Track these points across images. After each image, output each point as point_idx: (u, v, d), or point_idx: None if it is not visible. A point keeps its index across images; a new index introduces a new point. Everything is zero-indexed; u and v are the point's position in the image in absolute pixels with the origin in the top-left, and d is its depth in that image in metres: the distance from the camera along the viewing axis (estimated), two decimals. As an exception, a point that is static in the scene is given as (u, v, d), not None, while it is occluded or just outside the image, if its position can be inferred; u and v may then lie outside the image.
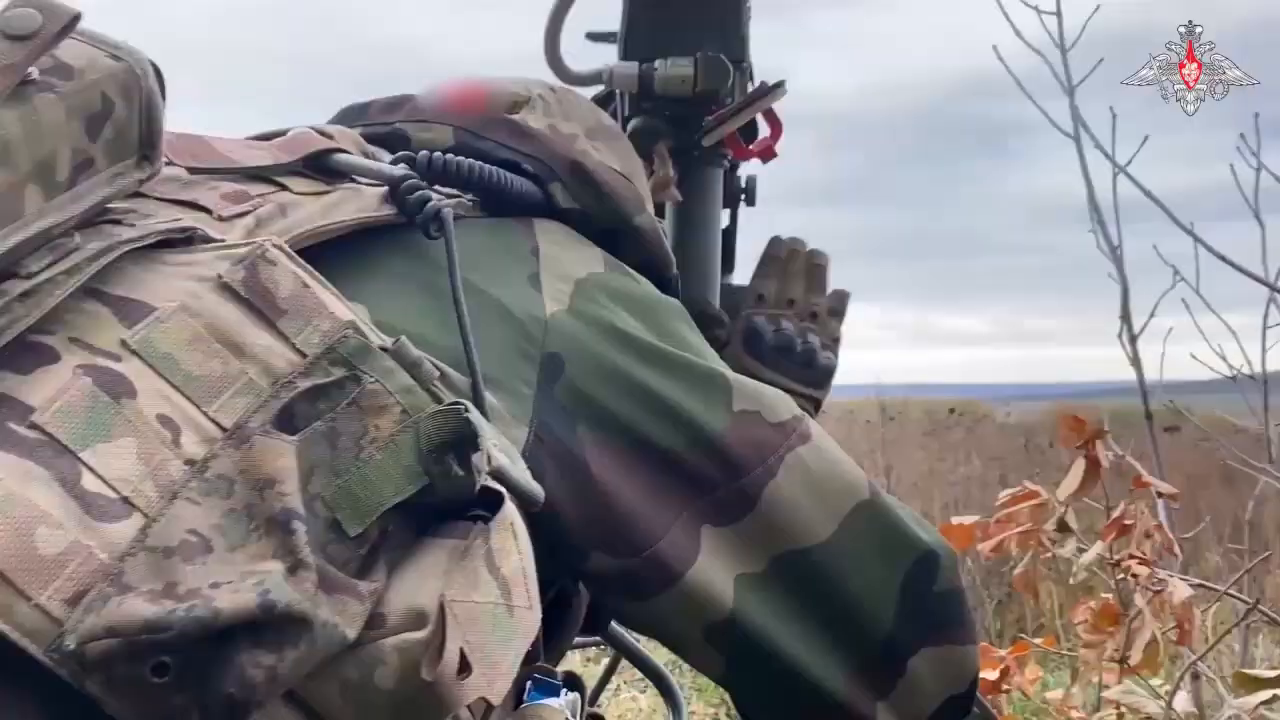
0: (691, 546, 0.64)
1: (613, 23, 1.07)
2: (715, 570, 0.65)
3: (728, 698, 0.93)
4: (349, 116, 0.77)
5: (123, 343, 0.49)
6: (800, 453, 0.69)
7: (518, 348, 0.62)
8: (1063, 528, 1.62)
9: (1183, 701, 1.50)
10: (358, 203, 0.63)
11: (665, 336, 0.69)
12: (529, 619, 0.51)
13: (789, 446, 0.68)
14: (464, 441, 0.48)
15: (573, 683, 0.64)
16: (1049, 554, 1.66)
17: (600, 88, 1.09)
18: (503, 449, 0.52)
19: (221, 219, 0.57)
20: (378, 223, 0.62)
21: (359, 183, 0.65)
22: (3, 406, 0.47)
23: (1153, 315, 2.10)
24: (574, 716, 0.62)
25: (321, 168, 0.65)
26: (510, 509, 0.51)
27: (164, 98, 0.54)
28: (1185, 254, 2.00)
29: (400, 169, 0.65)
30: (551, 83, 0.89)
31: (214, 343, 0.50)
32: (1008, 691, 1.71)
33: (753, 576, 0.66)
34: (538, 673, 0.62)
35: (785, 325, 1.02)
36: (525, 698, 0.61)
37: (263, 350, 0.50)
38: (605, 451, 0.62)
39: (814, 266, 1.07)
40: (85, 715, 0.43)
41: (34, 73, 0.50)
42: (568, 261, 0.69)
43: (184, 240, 0.54)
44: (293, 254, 0.54)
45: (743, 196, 1.24)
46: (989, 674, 1.53)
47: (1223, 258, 1.69)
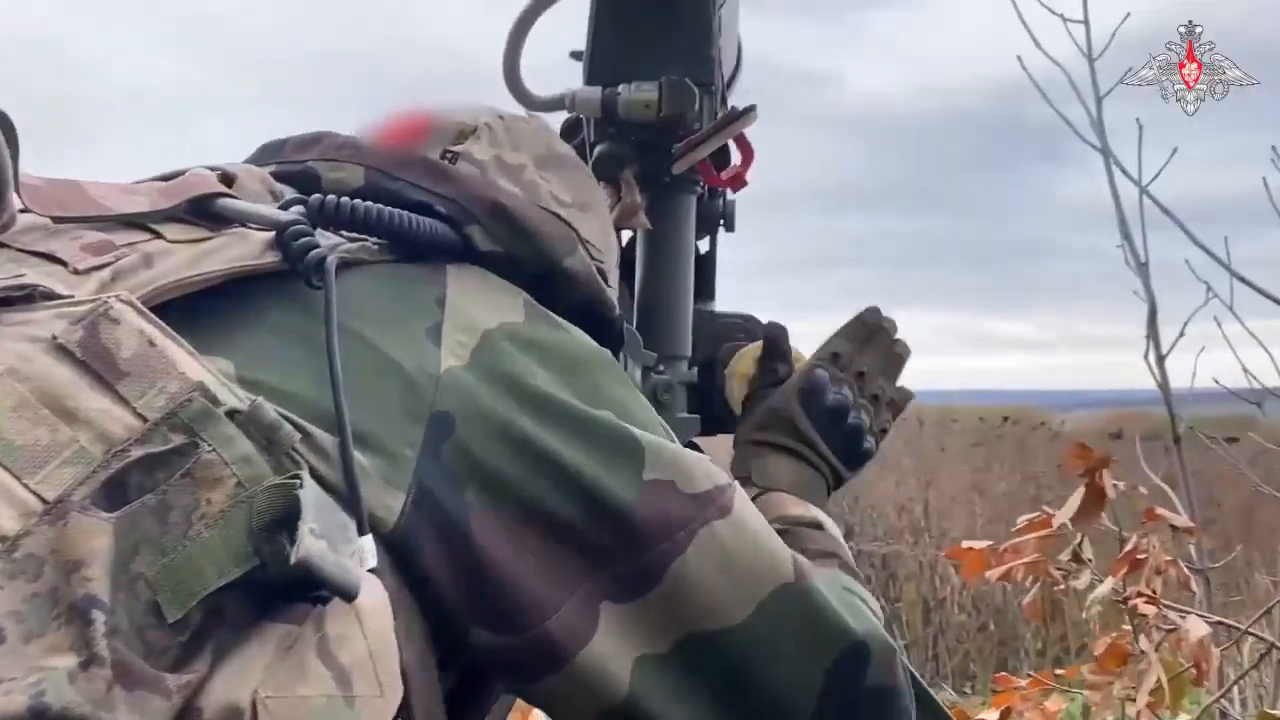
0: (587, 625, 0.60)
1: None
2: (612, 651, 0.60)
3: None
4: (266, 153, 0.74)
5: None
6: (716, 527, 0.64)
7: (404, 405, 0.57)
8: (1077, 558, 1.56)
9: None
10: (239, 250, 0.60)
11: (585, 392, 0.64)
12: (379, 708, 0.47)
13: (704, 520, 0.63)
14: (296, 519, 0.45)
15: None
16: (1062, 585, 1.60)
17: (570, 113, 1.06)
18: (331, 528, 0.49)
19: (77, 272, 0.54)
20: (258, 271, 0.59)
21: (250, 227, 0.63)
22: None
23: (1181, 334, 2.02)
24: None
25: (207, 212, 0.62)
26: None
27: (14, 146, 0.52)
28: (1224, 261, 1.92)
29: (292, 213, 0.62)
30: (502, 110, 0.86)
31: (42, 409, 0.47)
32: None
33: (655, 658, 0.62)
34: None
35: (845, 393, 0.97)
36: None
37: (98, 415, 0.47)
38: (495, 519, 0.58)
39: (894, 354, 1.02)
40: None
41: None
42: (478, 311, 0.65)
43: (24, 298, 0.51)
44: (143, 310, 0.51)
45: (721, 222, 1.20)
46: (990, 716, 1.47)
47: (1245, 280, 1.62)
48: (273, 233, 0.61)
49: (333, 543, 0.47)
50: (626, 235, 1.13)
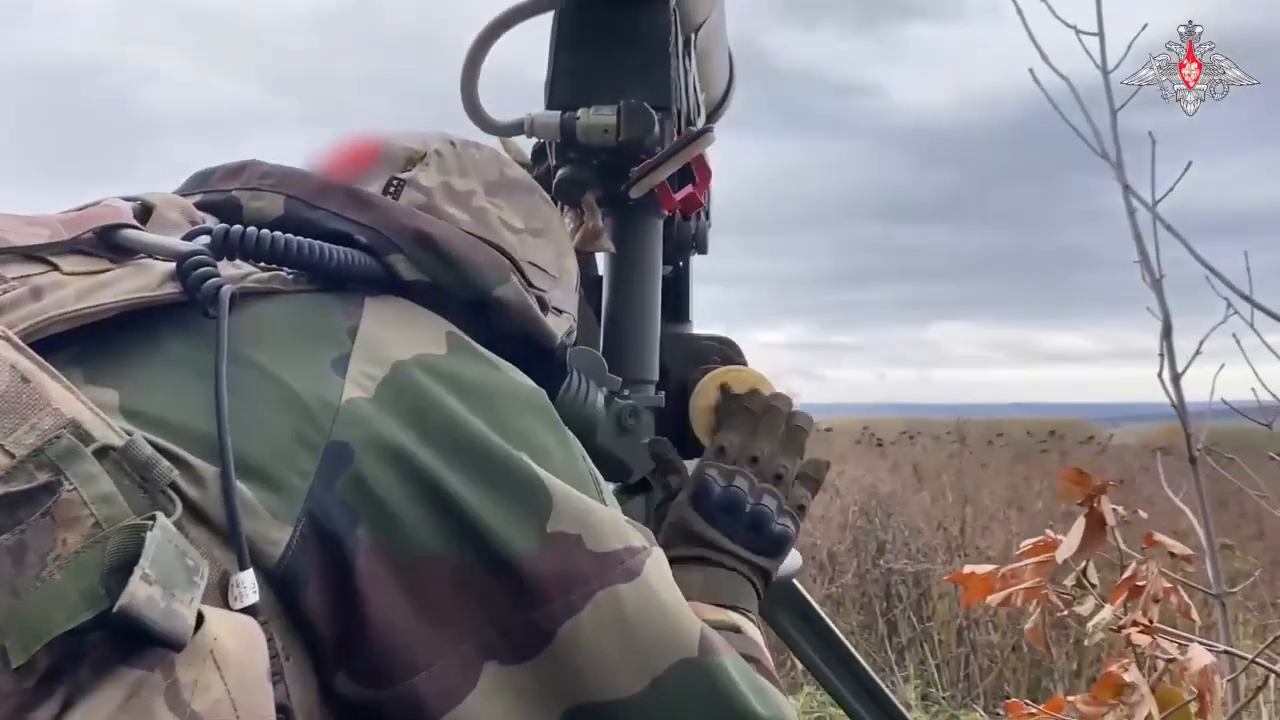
0: (463, 684, 0.57)
1: (540, 68, 1.04)
2: (489, 715, 0.58)
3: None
4: (195, 181, 0.75)
5: None
6: (619, 591, 0.61)
7: (298, 435, 0.57)
8: (1081, 583, 1.52)
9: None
10: (136, 281, 0.60)
11: (501, 431, 0.63)
12: None
13: (606, 581, 0.61)
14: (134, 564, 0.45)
15: None
16: (1064, 611, 1.56)
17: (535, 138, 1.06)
18: (173, 572, 0.47)
19: None
20: (155, 302, 0.59)
21: (156, 257, 0.63)
22: None
23: (1198, 352, 1.97)
24: None
25: (111, 244, 0.63)
26: (216, 631, 0.47)
27: None
28: (1258, 268, 1.87)
29: (195, 243, 0.62)
30: (453, 136, 0.86)
31: None
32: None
33: None
34: None
35: (739, 483, 0.94)
36: None
37: None
38: (382, 560, 0.56)
39: (793, 428, 0.99)
40: None
41: None
42: (393, 342, 0.63)
43: None
44: (19, 344, 0.51)
45: (694, 244, 1.19)
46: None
47: (1250, 299, 1.57)
48: (174, 263, 0.61)
49: (171, 588, 0.46)
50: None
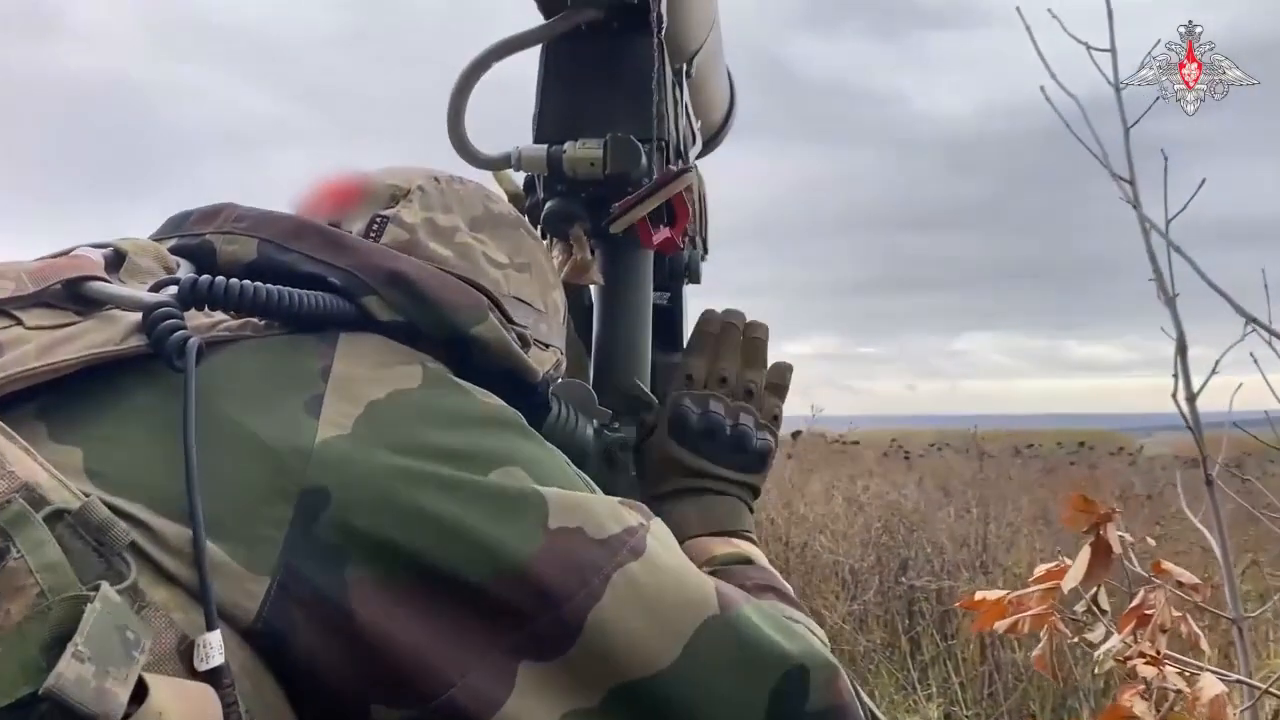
0: (500, 688, 0.58)
1: (529, 102, 1.04)
2: (532, 712, 0.59)
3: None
4: (171, 226, 0.75)
5: None
6: (631, 570, 0.62)
7: (269, 485, 0.57)
8: (1092, 610, 1.50)
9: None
10: (101, 334, 0.60)
11: (482, 452, 0.63)
12: None
13: (617, 564, 0.62)
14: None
15: None
16: (1074, 638, 1.54)
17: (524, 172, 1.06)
18: (111, 646, 0.47)
19: None
20: (118, 356, 0.59)
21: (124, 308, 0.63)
22: None
23: (1214, 372, 1.94)
24: None
25: (78, 296, 0.63)
26: (161, 704, 0.47)
27: None
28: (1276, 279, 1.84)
29: (162, 294, 0.62)
30: (438, 172, 0.86)
31: None
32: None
33: (585, 713, 0.60)
34: None
35: (714, 407, 0.96)
36: None
37: None
38: (384, 590, 0.57)
39: (752, 340, 1.01)
40: None
41: None
42: (367, 381, 0.64)
43: None
44: None
45: (686, 274, 1.19)
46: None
47: (1257, 322, 1.54)
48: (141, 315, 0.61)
49: (105, 664, 0.46)
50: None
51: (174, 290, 0.63)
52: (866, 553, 5.22)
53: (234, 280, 0.63)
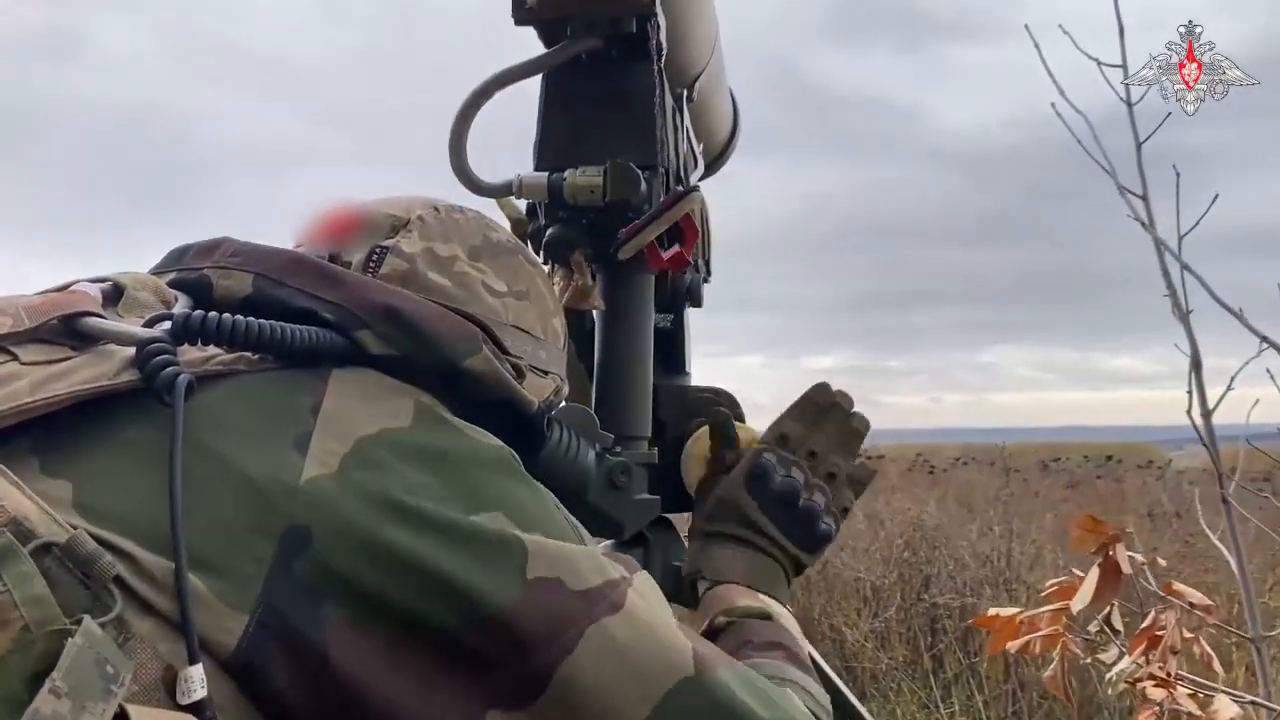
0: None
1: (530, 130, 1.06)
2: None
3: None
4: (171, 259, 0.76)
5: None
6: (607, 624, 0.63)
7: (253, 521, 0.58)
8: (1105, 630, 1.49)
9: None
10: (94, 370, 0.61)
11: (467, 494, 0.64)
12: None
13: (593, 618, 0.62)
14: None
15: None
16: (1086, 659, 1.52)
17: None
18: (87, 681, 0.48)
19: None
20: (110, 391, 0.60)
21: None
22: None
23: (1230, 388, 1.93)
24: None
25: (74, 331, 0.64)
26: None
27: None
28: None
29: (155, 330, 0.63)
30: (437, 201, 0.87)
31: None
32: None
33: None
34: None
35: (795, 474, 0.97)
36: None
37: None
38: (360, 633, 0.57)
39: (850, 429, 1.01)
40: None
41: None
42: (357, 417, 0.64)
43: None
44: None
45: (687, 297, 1.20)
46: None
47: (1267, 339, 1.53)
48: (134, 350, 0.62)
49: (83, 699, 0.47)
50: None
51: (167, 326, 0.64)
52: (888, 570, 5.19)
53: (226, 316, 0.64)
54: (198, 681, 0.53)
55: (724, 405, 1.12)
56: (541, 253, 1.04)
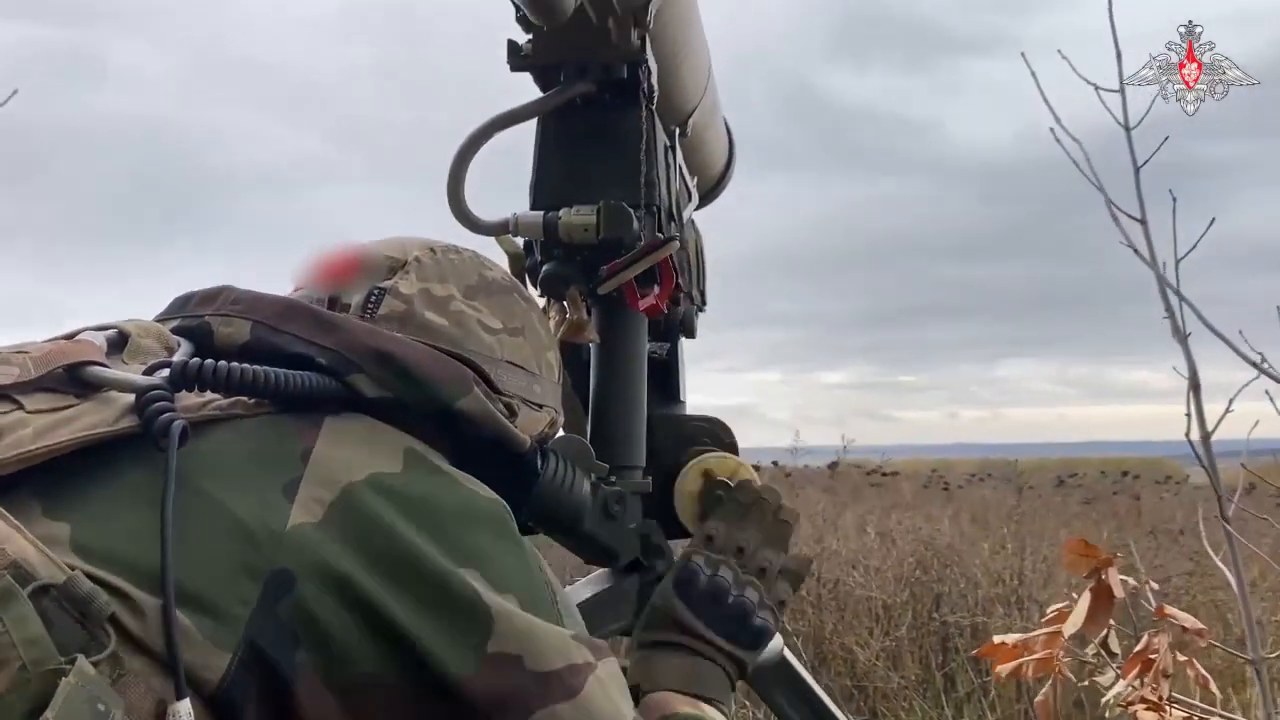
0: None
1: (526, 170, 1.09)
2: None
3: None
4: (175, 306, 0.79)
5: None
6: (558, 710, 0.64)
7: (242, 563, 0.60)
8: (1101, 653, 1.50)
9: None
10: (95, 416, 0.64)
11: (450, 547, 0.66)
12: None
13: (544, 701, 0.64)
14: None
15: None
16: (1083, 682, 1.54)
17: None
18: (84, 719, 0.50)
19: None
20: (110, 437, 0.63)
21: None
22: None
23: (1229, 410, 1.94)
24: None
25: (78, 379, 0.67)
26: None
27: None
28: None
29: (155, 377, 0.66)
30: (433, 242, 0.90)
31: None
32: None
33: None
34: None
35: (723, 573, 0.97)
36: None
37: None
38: (324, 682, 0.60)
39: (779, 522, 1.02)
40: None
41: None
42: (346, 463, 0.67)
43: None
44: None
45: (681, 327, 1.23)
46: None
47: (1267, 372, 1.55)
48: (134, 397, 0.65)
49: None
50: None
51: (166, 373, 0.67)
52: (900, 588, 5.17)
53: (222, 363, 0.67)
54: (185, 716, 0.55)
55: (717, 432, 1.15)
56: (538, 288, 1.08)
